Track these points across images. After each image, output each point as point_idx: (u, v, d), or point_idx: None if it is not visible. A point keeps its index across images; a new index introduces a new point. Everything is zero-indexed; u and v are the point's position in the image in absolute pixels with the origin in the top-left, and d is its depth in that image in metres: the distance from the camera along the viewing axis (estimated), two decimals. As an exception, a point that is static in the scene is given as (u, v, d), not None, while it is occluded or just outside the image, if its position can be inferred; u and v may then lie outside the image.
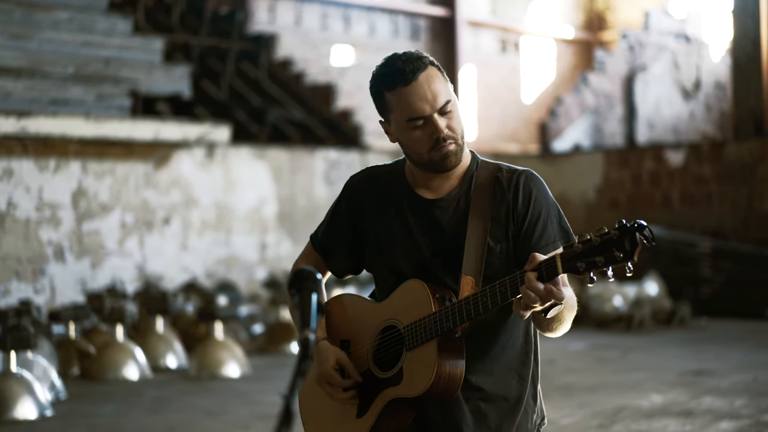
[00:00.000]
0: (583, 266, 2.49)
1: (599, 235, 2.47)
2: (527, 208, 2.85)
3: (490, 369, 2.86)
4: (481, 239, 2.81)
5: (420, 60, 2.78)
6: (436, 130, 2.76)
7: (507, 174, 2.89)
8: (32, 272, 10.88)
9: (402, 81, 2.76)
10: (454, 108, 2.79)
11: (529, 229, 2.84)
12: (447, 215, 2.87)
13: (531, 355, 2.96)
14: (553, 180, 16.66)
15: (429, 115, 2.76)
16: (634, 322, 11.82)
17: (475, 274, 2.78)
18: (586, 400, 7.60)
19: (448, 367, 2.73)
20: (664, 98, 21.18)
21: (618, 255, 2.45)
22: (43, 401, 7.24)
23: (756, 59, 14.48)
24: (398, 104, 2.78)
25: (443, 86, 2.78)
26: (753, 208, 14.05)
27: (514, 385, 2.89)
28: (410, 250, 2.88)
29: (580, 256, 2.49)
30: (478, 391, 2.84)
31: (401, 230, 2.90)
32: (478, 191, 2.87)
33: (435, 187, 2.89)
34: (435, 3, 20.56)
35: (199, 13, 15.57)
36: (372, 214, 2.96)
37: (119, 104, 12.03)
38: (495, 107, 21.61)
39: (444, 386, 2.73)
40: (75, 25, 12.11)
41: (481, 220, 2.83)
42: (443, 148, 2.77)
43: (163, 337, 9.51)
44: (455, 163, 2.81)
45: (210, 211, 12.59)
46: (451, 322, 2.69)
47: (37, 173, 11.04)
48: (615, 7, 23.34)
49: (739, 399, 7.49)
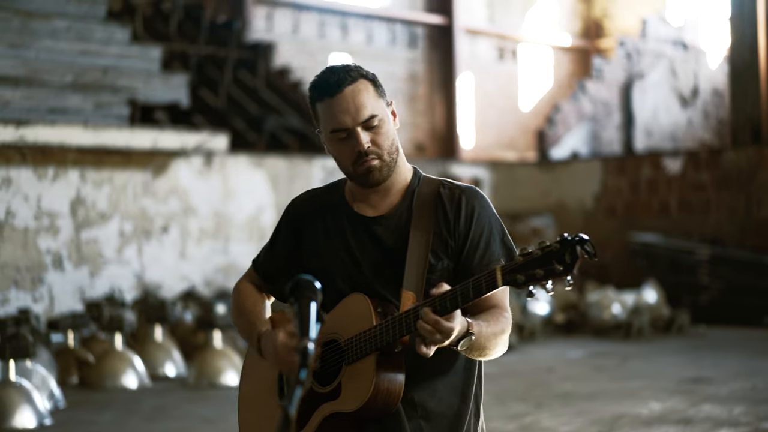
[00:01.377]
0: (522, 279, 2.46)
1: (540, 248, 2.44)
2: (469, 226, 2.82)
3: (433, 386, 2.81)
4: (422, 255, 2.78)
5: (349, 73, 2.78)
6: (358, 144, 2.75)
7: (449, 191, 2.86)
8: (31, 281, 10.87)
9: (327, 93, 2.77)
10: (381, 123, 2.78)
11: (472, 248, 2.81)
12: (388, 232, 2.85)
13: (474, 373, 2.90)
14: (551, 187, 16.67)
15: (351, 128, 2.75)
16: (632, 329, 11.82)
17: (416, 290, 2.74)
18: (585, 408, 7.60)
19: (386, 381, 2.68)
20: (661, 105, 21.20)
21: (558, 268, 2.41)
22: (41, 410, 7.24)
23: (753, 66, 14.50)
24: (324, 115, 2.79)
25: (371, 100, 2.77)
26: (751, 215, 14.06)
27: (456, 404, 2.84)
28: (351, 269, 2.85)
29: (520, 269, 2.46)
30: (421, 409, 2.79)
31: (342, 250, 2.88)
32: (420, 207, 2.84)
33: (375, 203, 2.88)
34: (432, 11, 20.59)
35: (196, 21, 15.59)
36: (313, 235, 2.94)
37: (117, 113, 12.04)
38: (492, 115, 21.63)
39: (382, 401, 2.68)
40: (73, 33, 12.12)
41: (422, 236, 2.80)
42: (365, 163, 2.76)
43: (161, 345, 9.51)
44: (379, 178, 2.80)
45: (208, 220, 12.59)
46: (390, 336, 2.64)
47: (36, 182, 11.04)
48: (612, 15, 23.38)
49: (737, 406, 7.50)
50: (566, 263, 2.41)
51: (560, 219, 16.16)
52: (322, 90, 2.79)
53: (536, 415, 7.37)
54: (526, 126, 22.05)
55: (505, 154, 21.08)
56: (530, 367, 9.79)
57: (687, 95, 21.39)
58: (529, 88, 22.47)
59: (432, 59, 20.58)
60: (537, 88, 22.60)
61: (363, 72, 2.81)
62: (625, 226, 15.34)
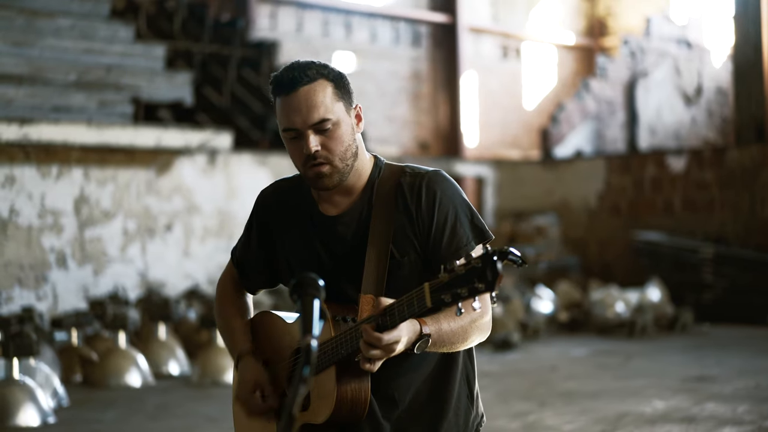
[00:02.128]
0: (448, 298, 2.37)
1: (464, 265, 2.35)
2: (432, 213, 2.73)
3: (410, 380, 2.77)
4: (382, 252, 2.71)
5: (307, 71, 2.70)
6: (306, 147, 2.69)
7: (410, 178, 2.77)
8: (35, 279, 10.89)
9: (283, 89, 2.71)
10: (335, 128, 2.70)
11: (437, 235, 2.72)
12: (350, 230, 2.79)
13: (457, 359, 2.82)
14: (555, 186, 16.67)
15: (300, 129, 2.69)
16: (636, 328, 11.82)
17: (375, 291, 2.68)
18: (589, 407, 7.60)
19: (348, 392, 2.64)
20: (665, 104, 21.18)
21: (480, 286, 2.32)
22: (45, 408, 7.24)
23: (757, 65, 14.48)
24: (278, 112, 2.75)
25: (326, 103, 2.69)
26: (755, 213, 14.04)
27: (439, 393, 2.79)
28: (316, 267, 2.80)
29: (446, 287, 2.37)
30: (400, 404, 2.76)
31: (306, 248, 2.84)
32: (380, 202, 2.77)
33: (337, 201, 2.83)
34: (436, 9, 20.58)
35: (200, 20, 15.59)
36: (280, 231, 2.91)
37: (121, 111, 12.04)
38: (496, 113, 21.62)
39: (348, 411, 2.66)
40: (77, 32, 12.13)
41: (382, 231, 2.73)
42: (313, 168, 2.71)
43: (165, 343, 9.52)
44: (329, 184, 2.73)
45: (212, 218, 12.60)
46: (344, 349, 2.59)
47: (40, 180, 11.05)
48: (616, 13, 23.36)
49: (741, 405, 7.49)
50: (488, 281, 2.31)
51: (564, 217, 16.15)
52: (278, 86, 2.73)
53: (540, 414, 7.37)
54: (529, 124, 22.05)
55: (508, 152, 21.07)
56: (534, 366, 9.78)
57: (691, 94, 21.37)
58: (533, 86, 22.46)
59: (436, 58, 20.58)
60: (541, 86, 22.59)
61: (325, 72, 2.72)
62: (628, 225, 15.33)
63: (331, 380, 2.64)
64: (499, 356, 10.40)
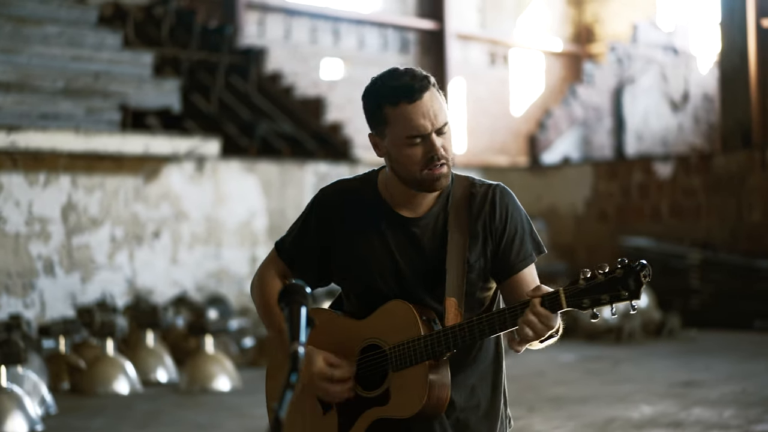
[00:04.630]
0: (587, 302, 2.57)
1: (603, 273, 2.56)
2: (504, 224, 2.88)
3: (468, 382, 2.89)
4: (461, 258, 2.82)
5: (427, 79, 2.79)
6: (433, 149, 2.76)
7: (481, 189, 2.91)
8: (22, 286, 10.86)
9: (407, 97, 2.75)
10: (449, 130, 2.81)
11: (507, 245, 2.87)
12: (427, 234, 2.87)
13: (502, 364, 3.01)
14: (543, 192, 16.70)
15: (428, 134, 2.76)
16: (623, 333, 11.85)
17: (457, 296, 2.80)
18: (577, 412, 7.62)
19: (437, 389, 2.75)
20: (652, 110, 21.26)
21: (624, 293, 2.53)
22: (33, 416, 7.23)
23: (743, 71, 14.55)
24: (398, 120, 2.77)
25: (443, 108, 2.81)
26: (742, 219, 14.10)
27: (489, 395, 2.94)
28: (390, 269, 2.87)
29: (585, 293, 2.57)
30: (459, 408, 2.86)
31: (380, 249, 2.88)
32: (455, 208, 2.87)
33: (413, 204, 2.88)
34: (424, 16, 20.63)
35: (188, 27, 15.59)
36: (346, 231, 2.93)
37: (109, 118, 12.03)
38: (484, 120, 21.66)
39: (432, 408, 2.76)
40: (64, 39, 12.12)
41: (459, 237, 2.84)
42: (436, 169, 2.78)
43: (153, 351, 9.50)
44: (445, 185, 2.83)
45: (200, 225, 12.59)
46: (443, 347, 2.72)
47: (27, 187, 11.03)
48: (603, 20, 23.44)
49: (728, 410, 7.52)
50: (631, 289, 2.53)
51: (552, 223, 16.19)
52: (399, 94, 2.76)
53: (528, 420, 7.38)
54: (517, 131, 22.09)
55: (496, 158, 21.11)
56: (522, 371, 9.80)
57: (677, 100, 21.45)
58: (521, 93, 22.51)
59: (423, 64, 20.59)
60: (528, 93, 22.64)
61: (431, 79, 2.82)
62: (616, 231, 15.38)
63: (422, 376, 2.74)
64: (488, 362, 10.40)
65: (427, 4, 20.74)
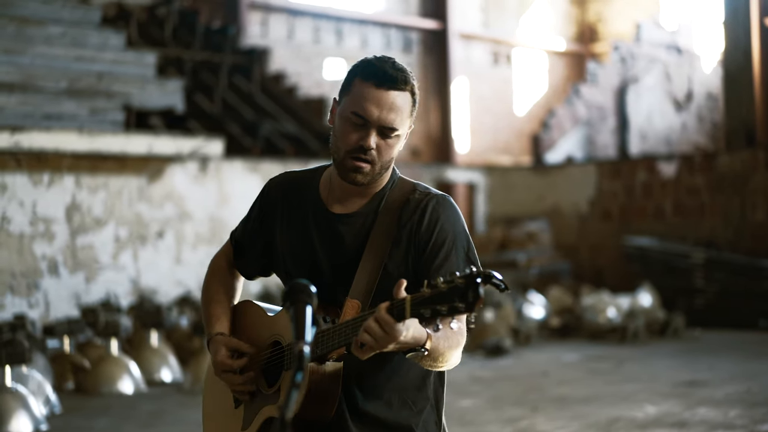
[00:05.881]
0: (428, 312, 2.38)
1: (446, 282, 2.37)
2: (431, 234, 2.76)
3: (380, 394, 2.79)
4: (377, 262, 2.74)
5: (406, 82, 2.74)
6: (365, 140, 2.72)
7: (418, 196, 2.81)
8: (26, 286, 10.87)
9: (377, 80, 2.72)
10: (395, 140, 2.75)
11: (431, 257, 2.75)
12: (351, 232, 2.82)
13: (429, 379, 2.86)
14: (546, 192, 16.70)
15: (370, 122, 2.71)
16: (627, 333, 11.84)
17: (362, 298, 2.71)
18: (580, 412, 7.61)
19: (318, 391, 2.66)
20: (656, 110, 21.24)
21: (460, 306, 2.34)
22: (37, 415, 7.23)
23: (747, 70, 14.54)
24: (357, 93, 2.74)
25: (403, 116, 2.74)
26: (745, 218, 14.09)
27: (405, 412, 2.80)
28: (310, 263, 2.84)
29: (427, 302, 2.38)
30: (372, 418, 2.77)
31: (304, 241, 2.87)
32: (386, 212, 2.81)
33: (346, 201, 2.85)
34: (427, 16, 20.62)
35: (191, 27, 15.60)
36: (281, 221, 2.94)
37: (112, 118, 12.04)
38: (487, 119, 21.65)
39: (315, 410, 2.67)
40: (68, 39, 12.12)
41: (381, 241, 2.77)
42: (356, 161, 2.73)
43: (157, 350, 9.51)
44: (361, 180, 2.76)
45: (203, 225, 12.59)
46: (320, 349, 2.61)
47: (31, 188, 11.04)
48: (606, 19, 23.43)
49: (733, 409, 7.51)
50: (468, 301, 2.33)
51: (555, 223, 16.18)
52: (374, 75, 2.73)
53: (532, 419, 7.38)
54: (520, 130, 22.08)
55: (500, 158, 21.10)
56: (526, 371, 9.80)
57: (681, 99, 21.44)
58: (524, 92, 22.50)
59: (427, 64, 20.61)
60: (531, 92, 22.64)
61: (413, 86, 2.77)
62: (620, 230, 15.37)
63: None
64: (491, 362, 10.41)
65: (429, 4, 20.74)
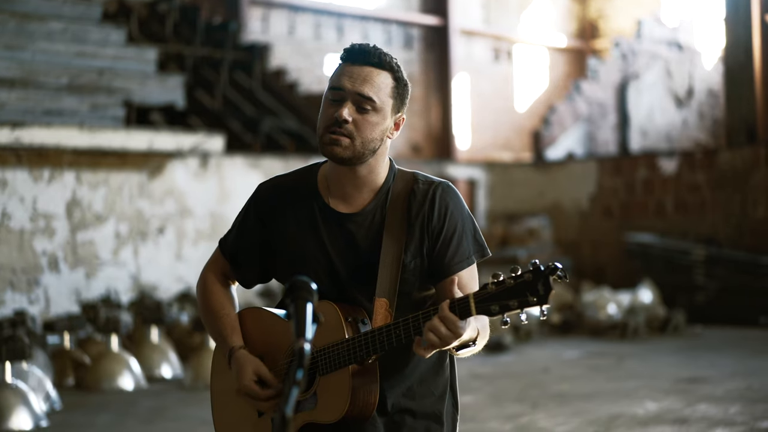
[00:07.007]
0: (496, 308, 2.44)
1: (513, 278, 2.43)
2: (443, 223, 2.79)
3: (405, 384, 2.82)
4: (395, 257, 2.75)
5: (381, 57, 2.78)
6: (339, 113, 2.71)
7: (423, 186, 2.83)
8: (27, 282, 10.87)
9: (350, 58, 2.78)
10: (374, 114, 2.75)
11: (444, 245, 2.78)
12: (362, 231, 2.81)
13: (447, 368, 2.91)
14: (547, 188, 16.68)
15: (345, 92, 2.73)
16: (628, 329, 11.84)
17: (389, 296, 2.73)
18: (581, 408, 7.61)
19: (362, 394, 2.69)
20: (657, 106, 21.22)
21: (532, 299, 2.41)
22: (38, 412, 7.24)
23: (748, 67, 14.52)
24: (335, 73, 2.80)
25: (381, 90, 2.76)
26: (746, 215, 14.08)
27: (433, 401, 2.86)
28: (323, 266, 2.82)
29: (494, 298, 2.44)
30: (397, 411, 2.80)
31: (314, 244, 2.84)
32: (394, 206, 2.81)
33: (349, 199, 2.84)
34: (428, 12, 20.60)
35: (192, 23, 15.58)
36: (282, 227, 2.89)
37: (113, 114, 12.03)
38: (488, 115, 21.64)
39: (358, 412, 2.70)
40: (68, 35, 12.12)
41: (395, 236, 2.77)
42: (332, 135, 2.72)
43: (157, 346, 9.51)
44: (341, 155, 2.73)
45: (204, 221, 12.59)
46: (364, 352, 2.64)
47: (32, 184, 11.04)
48: (607, 16, 23.40)
49: (733, 406, 7.51)
50: (540, 294, 2.41)
51: (556, 220, 16.18)
52: (348, 54, 2.80)
53: (532, 416, 7.38)
54: (521, 127, 22.07)
55: (500, 154, 21.09)
56: (526, 368, 9.80)
57: (682, 96, 21.42)
58: (525, 88, 22.49)
59: (427, 60, 20.60)
60: (532, 88, 22.62)
61: (396, 70, 2.80)
62: (620, 227, 15.36)
63: (346, 381, 2.68)
64: (492, 358, 10.41)
65: (431, 0, 20.72)
